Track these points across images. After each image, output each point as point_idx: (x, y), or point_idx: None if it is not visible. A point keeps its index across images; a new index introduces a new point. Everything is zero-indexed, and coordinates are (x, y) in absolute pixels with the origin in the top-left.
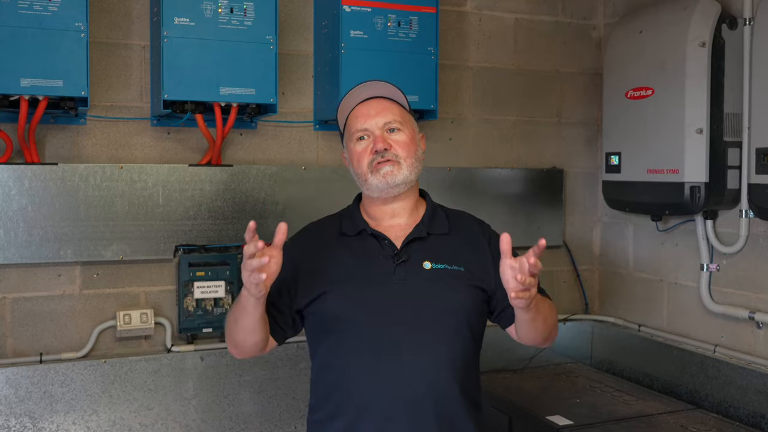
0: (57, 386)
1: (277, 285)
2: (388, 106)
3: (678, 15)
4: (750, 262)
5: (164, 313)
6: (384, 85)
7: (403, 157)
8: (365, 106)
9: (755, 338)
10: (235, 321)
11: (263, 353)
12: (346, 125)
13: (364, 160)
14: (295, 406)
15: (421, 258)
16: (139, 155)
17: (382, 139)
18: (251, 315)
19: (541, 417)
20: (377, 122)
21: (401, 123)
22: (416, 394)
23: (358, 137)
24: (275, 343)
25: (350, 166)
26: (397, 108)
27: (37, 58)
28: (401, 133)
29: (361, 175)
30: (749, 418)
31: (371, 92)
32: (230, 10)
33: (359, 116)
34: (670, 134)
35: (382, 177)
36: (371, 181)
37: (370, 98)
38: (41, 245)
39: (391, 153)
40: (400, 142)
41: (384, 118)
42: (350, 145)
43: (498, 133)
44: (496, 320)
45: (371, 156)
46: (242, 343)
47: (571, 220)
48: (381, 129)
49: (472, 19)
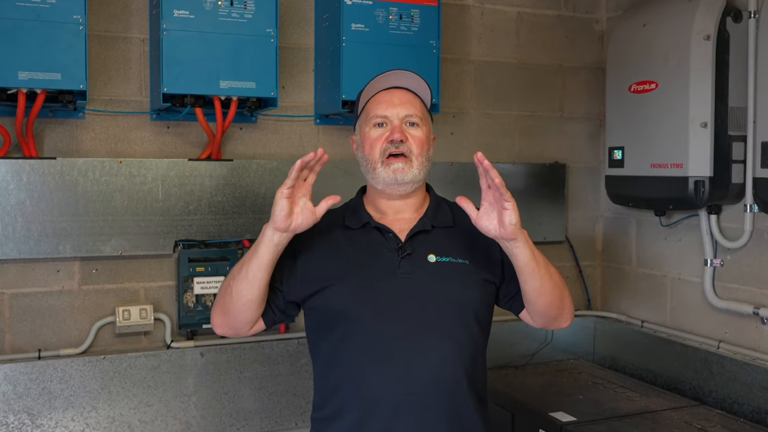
0: (56, 382)
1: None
2: (411, 99)
3: (682, 8)
4: (754, 257)
5: (164, 309)
6: (414, 76)
7: (416, 153)
8: (389, 93)
9: (760, 334)
10: (237, 273)
11: (247, 334)
12: (365, 108)
13: (377, 147)
14: (296, 402)
15: (425, 251)
16: (139, 149)
17: (400, 129)
18: (260, 266)
19: (544, 413)
20: (398, 112)
21: (421, 119)
22: (424, 390)
23: (377, 123)
24: (262, 326)
25: (359, 150)
26: (419, 103)
27: (35, 51)
28: (419, 129)
29: (370, 162)
30: (754, 414)
31: (400, 82)
32: (230, 2)
33: (381, 102)
34: (674, 128)
35: (392, 172)
36: (379, 172)
37: (395, 87)
38: (40, 240)
39: (406, 146)
40: (416, 137)
41: (406, 110)
42: (365, 129)
43: (500, 128)
44: (507, 306)
45: (385, 144)
46: (234, 307)
47: (574, 216)
48: (401, 120)
49: (474, 12)
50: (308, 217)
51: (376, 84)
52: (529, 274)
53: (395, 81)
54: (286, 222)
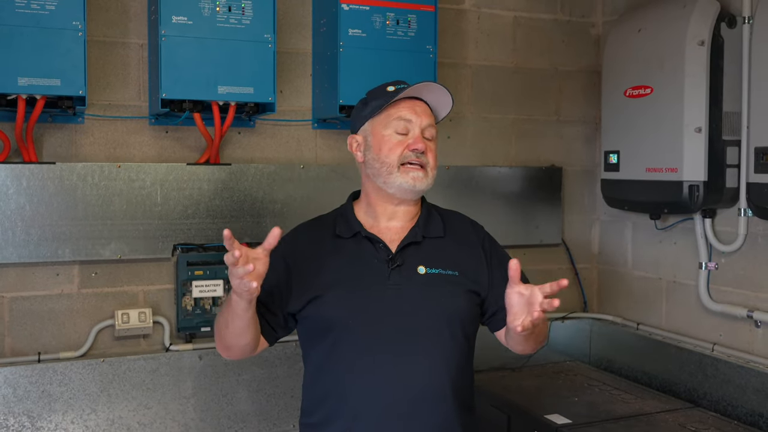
0: (55, 385)
1: (269, 287)
2: (430, 113)
3: (677, 13)
4: (748, 260)
5: (162, 312)
6: (440, 89)
7: (431, 166)
8: (411, 102)
9: (753, 337)
10: (226, 323)
11: (253, 354)
12: (385, 111)
13: (397, 152)
14: (294, 404)
15: (415, 263)
16: (137, 154)
17: (422, 140)
18: (242, 317)
19: (539, 416)
20: (422, 122)
21: (435, 134)
22: (411, 400)
23: (400, 127)
24: (266, 343)
25: (369, 151)
26: (433, 118)
27: (34, 57)
28: (433, 143)
29: (386, 165)
30: (747, 417)
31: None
32: (228, 8)
33: (405, 107)
34: (669, 133)
35: (411, 180)
36: (396, 178)
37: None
38: (39, 244)
39: (425, 157)
40: (432, 150)
41: (428, 121)
42: (383, 132)
43: (496, 132)
44: (485, 323)
45: (406, 151)
46: (233, 345)
47: (570, 219)
48: (422, 129)
49: (471, 17)
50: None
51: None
52: (519, 338)
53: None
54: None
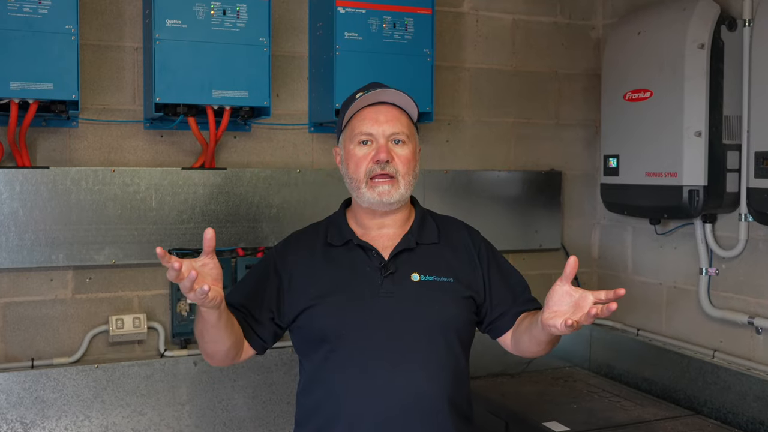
0: (49, 391)
1: (259, 296)
2: (397, 115)
3: (677, 16)
4: (749, 266)
5: (157, 318)
6: (399, 94)
7: (402, 173)
8: (374, 109)
9: (754, 343)
10: (201, 334)
11: (239, 361)
12: (349, 124)
13: (362, 167)
14: (290, 411)
15: (409, 270)
16: (132, 158)
17: (386, 149)
18: (216, 326)
19: (537, 423)
20: (384, 130)
21: (407, 136)
22: (406, 409)
23: (361, 141)
24: (253, 351)
25: (342, 165)
26: (406, 119)
27: (27, 61)
28: (405, 147)
29: (355, 181)
30: (748, 425)
31: (385, 98)
32: (223, 12)
33: (367, 119)
34: (669, 137)
35: (377, 195)
36: (365, 194)
37: (381, 103)
38: (33, 249)
39: (392, 167)
40: (402, 156)
41: (392, 128)
42: (349, 146)
43: (495, 135)
44: (485, 331)
45: (371, 164)
46: (214, 353)
47: (570, 223)
48: (386, 138)
49: (469, 20)
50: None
51: (361, 100)
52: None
53: (381, 97)
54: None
